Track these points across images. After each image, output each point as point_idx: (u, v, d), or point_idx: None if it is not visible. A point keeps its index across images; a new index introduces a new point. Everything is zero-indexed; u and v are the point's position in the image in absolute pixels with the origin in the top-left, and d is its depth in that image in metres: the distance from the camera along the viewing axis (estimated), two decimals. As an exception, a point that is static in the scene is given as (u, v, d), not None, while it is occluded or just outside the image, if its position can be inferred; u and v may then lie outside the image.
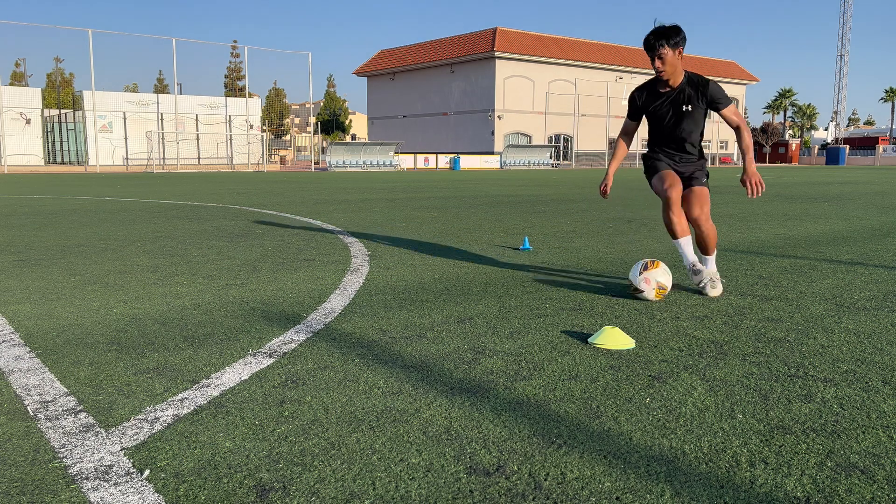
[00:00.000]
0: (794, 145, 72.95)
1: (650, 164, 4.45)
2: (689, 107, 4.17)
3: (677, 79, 4.16)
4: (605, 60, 58.25)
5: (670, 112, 4.23)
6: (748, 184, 4.04)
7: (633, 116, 4.41)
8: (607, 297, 4.19)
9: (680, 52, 4.07)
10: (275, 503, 1.75)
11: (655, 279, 4.03)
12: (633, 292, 4.11)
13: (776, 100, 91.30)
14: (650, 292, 4.03)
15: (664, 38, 4.01)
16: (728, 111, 4.16)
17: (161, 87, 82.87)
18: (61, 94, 60.24)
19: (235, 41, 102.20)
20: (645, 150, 4.54)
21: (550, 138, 56.14)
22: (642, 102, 4.33)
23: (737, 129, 4.22)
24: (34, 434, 2.15)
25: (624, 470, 1.94)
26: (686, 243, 4.29)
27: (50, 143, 40.98)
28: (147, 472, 1.90)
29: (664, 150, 4.39)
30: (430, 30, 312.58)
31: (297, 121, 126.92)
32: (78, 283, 4.56)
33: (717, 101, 4.15)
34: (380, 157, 40.36)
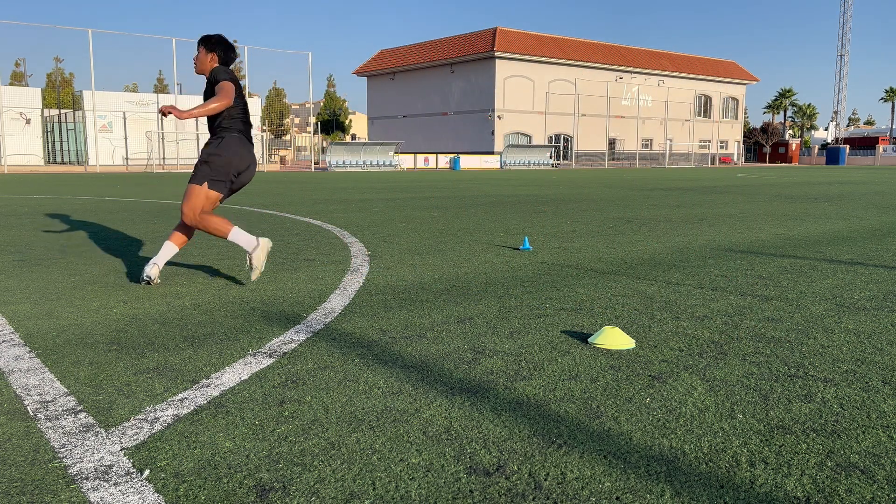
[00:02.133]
0: (794, 145, 72.97)
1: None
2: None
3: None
4: (605, 60, 58.26)
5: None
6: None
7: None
8: (607, 297, 4.19)
9: (210, 55, 4.55)
10: (275, 503, 1.75)
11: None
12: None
13: (776, 100, 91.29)
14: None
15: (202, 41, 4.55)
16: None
17: (161, 87, 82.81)
18: (61, 94, 60.21)
19: (235, 41, 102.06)
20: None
21: (550, 138, 56.13)
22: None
23: None
24: (34, 434, 2.15)
25: (624, 470, 1.94)
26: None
27: (50, 143, 40.98)
28: (147, 472, 1.90)
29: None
30: (430, 30, 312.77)
31: (297, 121, 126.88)
32: (78, 283, 4.56)
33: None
34: (380, 157, 40.36)
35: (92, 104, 36.17)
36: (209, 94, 4.48)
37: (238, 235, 4.39)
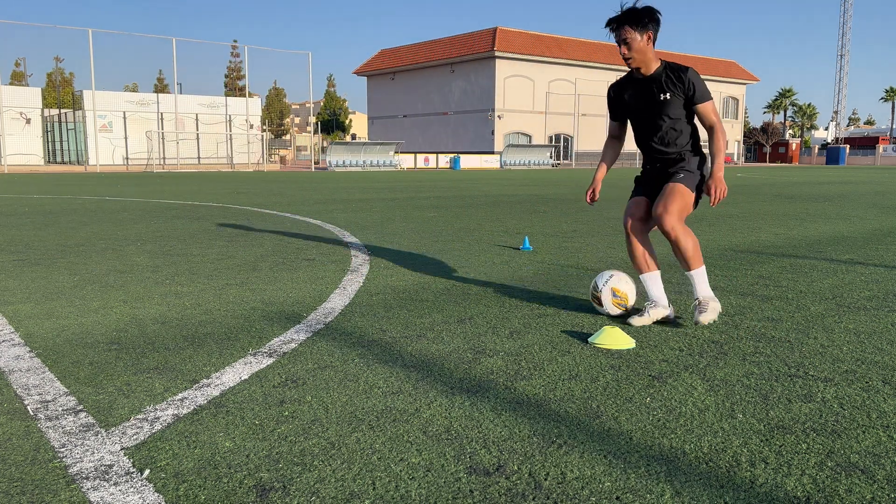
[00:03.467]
0: (794, 145, 72.93)
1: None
2: (668, 95, 3.58)
3: (650, 67, 3.60)
4: (605, 60, 58.22)
5: (643, 103, 3.64)
6: (712, 189, 3.39)
7: (614, 116, 3.83)
8: (607, 297, 4.18)
9: (649, 37, 3.52)
10: (275, 503, 1.75)
11: (612, 286, 3.66)
12: (594, 302, 3.75)
13: (776, 100, 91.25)
14: (610, 307, 3.67)
15: (629, 20, 3.46)
16: (706, 107, 3.58)
17: (161, 87, 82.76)
18: (61, 94, 60.23)
19: (235, 41, 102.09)
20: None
21: (550, 138, 56.10)
22: (617, 96, 3.75)
23: (710, 129, 3.64)
24: (34, 434, 2.15)
25: (624, 470, 1.94)
26: (651, 279, 3.63)
27: (50, 143, 40.94)
28: (147, 471, 1.90)
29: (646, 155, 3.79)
30: (430, 30, 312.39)
31: (297, 120, 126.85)
32: (78, 282, 4.56)
33: (695, 93, 3.56)
34: (380, 156, 40.34)
35: (92, 104, 36.17)
36: (654, 99, 3.59)
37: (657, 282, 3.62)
